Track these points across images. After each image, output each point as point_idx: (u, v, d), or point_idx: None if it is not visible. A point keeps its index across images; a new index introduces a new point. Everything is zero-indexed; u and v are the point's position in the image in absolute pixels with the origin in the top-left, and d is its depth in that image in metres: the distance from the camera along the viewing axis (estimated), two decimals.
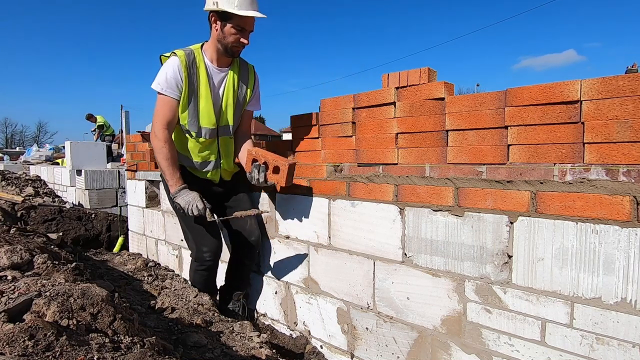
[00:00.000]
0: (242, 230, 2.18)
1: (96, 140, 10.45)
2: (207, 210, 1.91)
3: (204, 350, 1.54)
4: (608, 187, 1.19)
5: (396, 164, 1.74)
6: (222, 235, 2.21)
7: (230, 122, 2.06)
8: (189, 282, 2.32)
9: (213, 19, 1.86)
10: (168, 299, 2.08)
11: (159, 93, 1.92)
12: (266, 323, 2.38)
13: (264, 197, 2.34)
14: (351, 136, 1.93)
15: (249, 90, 2.09)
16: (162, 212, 3.20)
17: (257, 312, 2.46)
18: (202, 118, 1.98)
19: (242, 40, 1.88)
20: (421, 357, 1.65)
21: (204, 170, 2.11)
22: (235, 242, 2.25)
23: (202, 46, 1.99)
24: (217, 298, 2.34)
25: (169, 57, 1.94)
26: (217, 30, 1.87)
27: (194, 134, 2.00)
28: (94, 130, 10.76)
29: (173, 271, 2.90)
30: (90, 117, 10.75)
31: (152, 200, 3.43)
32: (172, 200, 2.04)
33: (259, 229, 2.23)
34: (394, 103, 1.75)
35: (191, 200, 1.88)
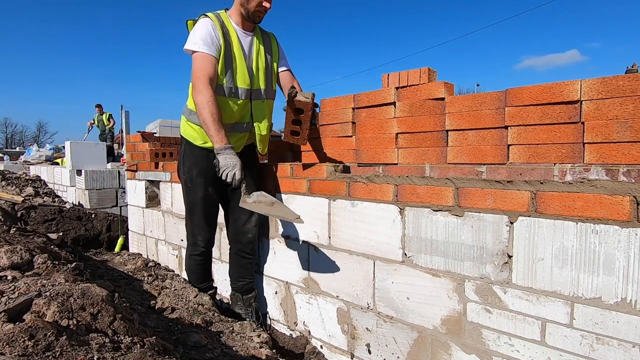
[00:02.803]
0: (239, 227, 2.21)
1: (101, 133, 10.36)
2: (243, 184, 1.85)
3: (204, 350, 1.54)
4: (608, 187, 1.19)
5: (396, 164, 1.74)
6: (217, 225, 2.31)
7: (262, 86, 2.08)
8: (184, 268, 2.38)
9: None
10: (168, 299, 2.08)
11: (194, 52, 1.88)
12: (266, 323, 2.38)
13: None
14: (351, 136, 1.93)
15: (275, 62, 2.13)
16: (162, 212, 3.20)
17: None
18: (238, 78, 1.99)
19: (264, 4, 1.92)
20: (421, 357, 1.65)
21: (235, 133, 2.07)
22: (232, 238, 2.29)
23: (225, 11, 2.04)
24: (213, 292, 2.35)
25: (197, 20, 1.95)
26: None
27: (233, 95, 1.99)
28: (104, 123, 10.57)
29: (173, 271, 2.89)
30: (98, 108, 10.60)
31: (152, 200, 3.43)
32: (190, 172, 2.10)
33: (257, 227, 2.24)
34: (394, 103, 1.75)
35: (232, 165, 1.80)
